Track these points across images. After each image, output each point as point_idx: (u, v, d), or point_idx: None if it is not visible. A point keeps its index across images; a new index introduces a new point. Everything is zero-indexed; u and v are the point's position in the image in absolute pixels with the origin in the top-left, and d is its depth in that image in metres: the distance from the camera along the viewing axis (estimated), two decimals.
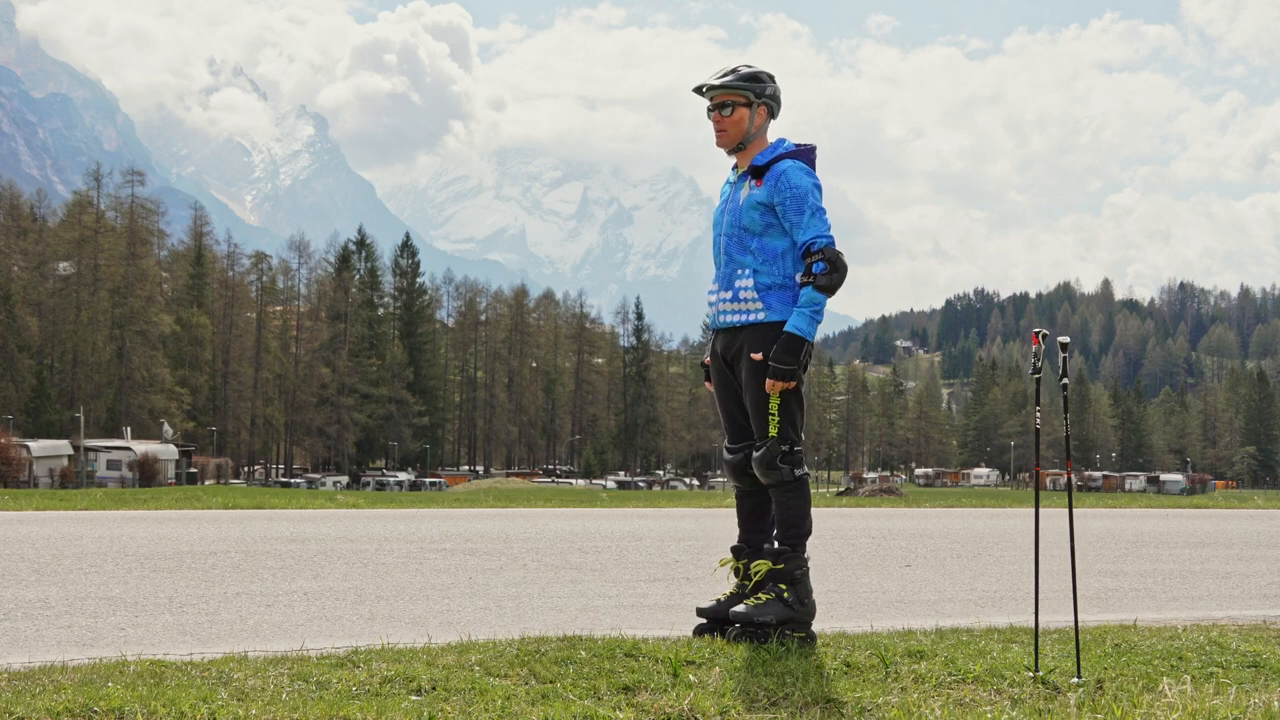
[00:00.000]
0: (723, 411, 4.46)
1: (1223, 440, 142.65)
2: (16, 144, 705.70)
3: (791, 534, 4.27)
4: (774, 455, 4.18)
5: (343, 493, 31.89)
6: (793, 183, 4.18)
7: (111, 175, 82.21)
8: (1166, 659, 4.24)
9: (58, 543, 7.41)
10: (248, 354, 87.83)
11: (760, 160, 4.28)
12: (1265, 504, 19.94)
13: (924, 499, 31.81)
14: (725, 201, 4.40)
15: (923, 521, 11.22)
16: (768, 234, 4.24)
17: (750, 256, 4.25)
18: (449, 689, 3.50)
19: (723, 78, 4.27)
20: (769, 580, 4.22)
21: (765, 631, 4.19)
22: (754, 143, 4.32)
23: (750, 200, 4.24)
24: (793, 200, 4.17)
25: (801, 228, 4.16)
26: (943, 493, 65.16)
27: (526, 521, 10.10)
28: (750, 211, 4.23)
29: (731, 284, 4.29)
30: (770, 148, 4.31)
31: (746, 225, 4.25)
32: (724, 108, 4.26)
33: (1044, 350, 4.07)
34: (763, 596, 4.22)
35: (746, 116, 4.27)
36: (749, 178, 4.28)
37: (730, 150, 4.34)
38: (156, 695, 3.30)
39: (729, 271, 4.30)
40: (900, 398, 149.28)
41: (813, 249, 4.12)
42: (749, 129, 4.28)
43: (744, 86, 4.25)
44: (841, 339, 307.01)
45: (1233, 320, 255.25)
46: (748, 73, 4.28)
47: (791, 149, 4.30)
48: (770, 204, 4.21)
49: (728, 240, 4.31)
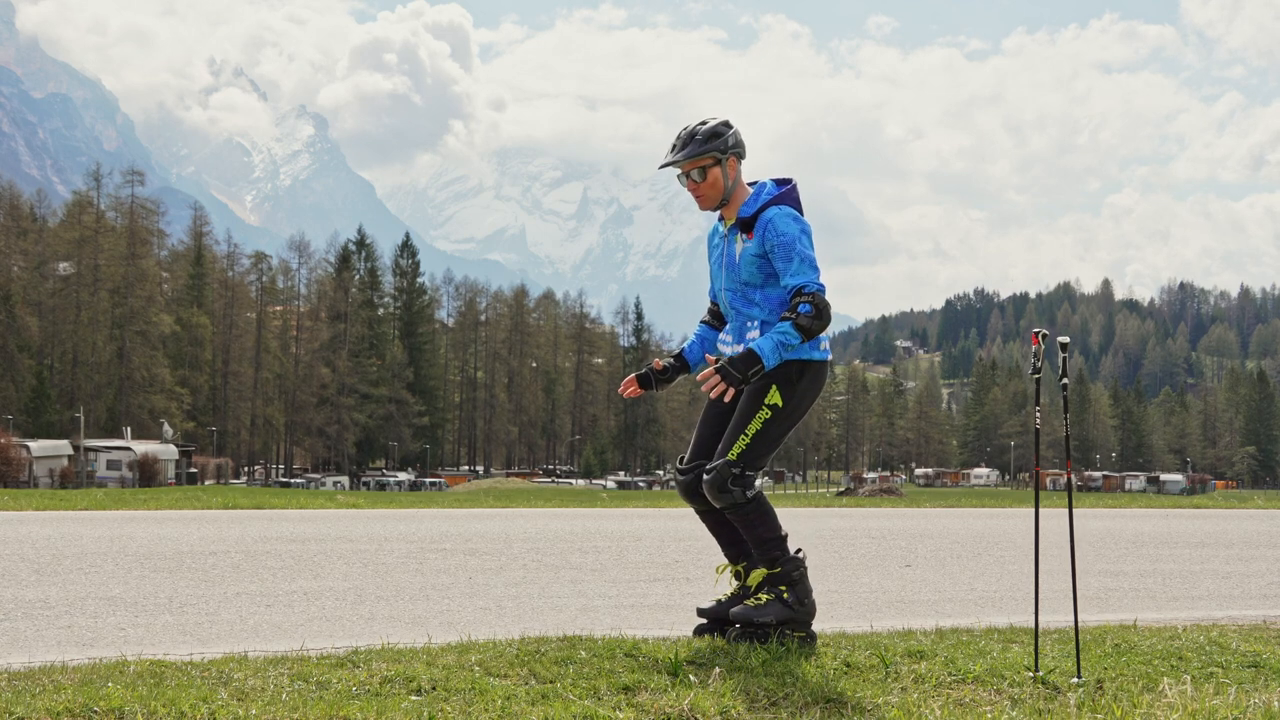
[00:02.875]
0: (699, 430, 4.43)
1: (1223, 440, 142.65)
2: (16, 144, 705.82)
3: (769, 549, 4.24)
4: (725, 478, 4.15)
5: (343, 493, 31.91)
6: (780, 230, 4.17)
7: (111, 175, 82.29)
8: (1166, 659, 4.24)
9: (58, 543, 7.41)
10: (248, 354, 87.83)
11: (746, 212, 4.25)
12: (1265, 504, 19.94)
13: (924, 499, 31.81)
14: (721, 255, 4.38)
15: (923, 521, 11.22)
16: (769, 284, 4.24)
17: (756, 309, 4.26)
18: (449, 689, 3.50)
19: (684, 149, 4.21)
20: (767, 582, 4.22)
21: (765, 632, 4.20)
22: (735, 194, 4.29)
23: (746, 255, 4.23)
24: (781, 248, 4.15)
25: (790, 274, 4.14)
26: (943, 493, 65.11)
27: (526, 521, 10.10)
28: (749, 266, 4.23)
29: (743, 336, 4.29)
30: (753, 196, 4.28)
31: (747, 280, 4.25)
32: (696, 174, 4.23)
33: (1044, 350, 4.07)
34: (763, 597, 4.22)
35: (720, 174, 4.24)
36: (739, 231, 4.27)
37: (712, 210, 4.31)
38: (156, 695, 3.30)
39: (739, 324, 4.32)
40: (900, 398, 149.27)
41: (804, 291, 4.10)
42: (726, 185, 4.26)
43: (709, 149, 4.20)
44: (841, 339, 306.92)
45: (1233, 320, 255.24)
46: (707, 132, 4.22)
47: (774, 193, 4.27)
48: (764, 254, 4.20)
49: (731, 295, 4.32)
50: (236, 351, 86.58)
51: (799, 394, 4.22)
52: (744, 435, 4.17)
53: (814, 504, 16.74)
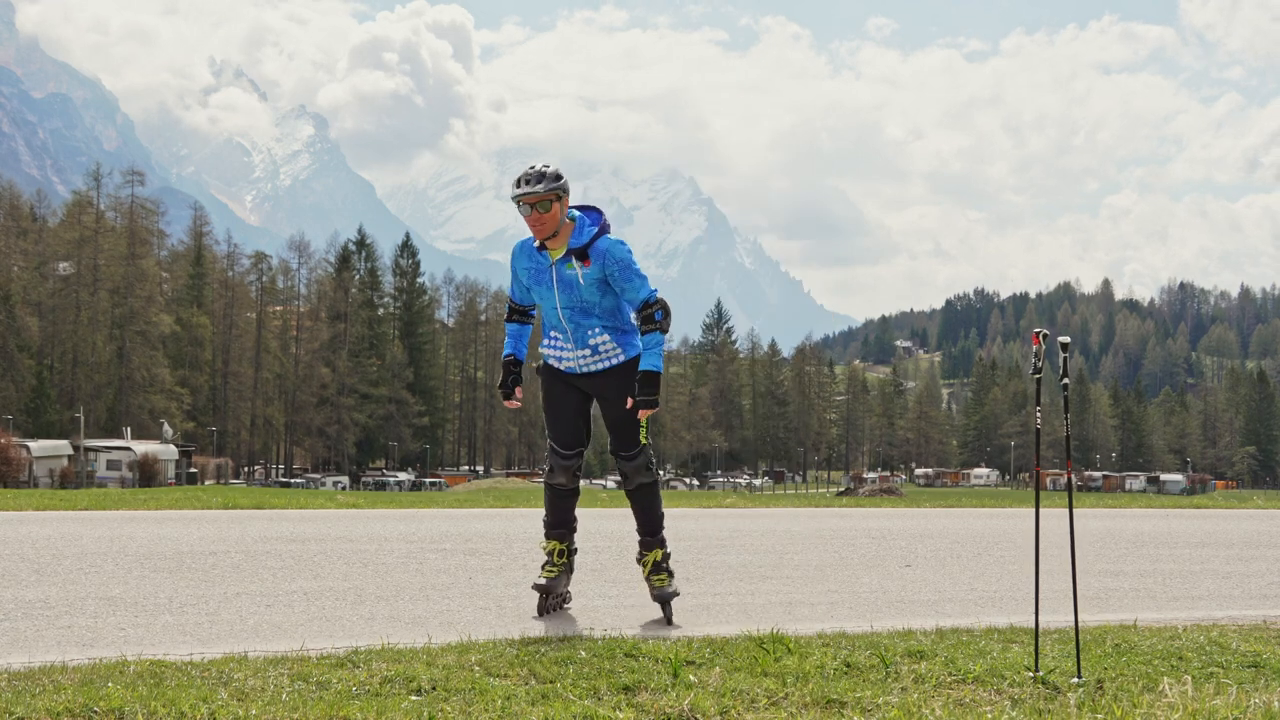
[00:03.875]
0: (564, 422, 5.30)
1: (1223, 440, 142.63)
2: (16, 144, 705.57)
3: (657, 526, 5.30)
4: (647, 460, 5.22)
5: (343, 493, 31.89)
6: (617, 257, 5.07)
7: (111, 175, 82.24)
8: (1166, 659, 4.24)
9: (58, 543, 7.41)
10: (248, 354, 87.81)
11: (577, 243, 5.10)
12: (1265, 504, 19.94)
13: (924, 499, 31.81)
14: (548, 279, 5.16)
15: (923, 521, 11.22)
16: (605, 299, 5.15)
17: (596, 319, 5.17)
18: (449, 689, 3.50)
19: (540, 183, 5.01)
20: (663, 564, 5.25)
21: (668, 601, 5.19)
22: (564, 228, 5.14)
23: (587, 279, 5.10)
24: (621, 271, 5.07)
25: (635, 289, 5.10)
26: (943, 493, 65.11)
27: (526, 521, 10.09)
28: (589, 288, 5.11)
29: (586, 342, 5.20)
30: (578, 229, 5.12)
31: (588, 300, 5.13)
32: (541, 206, 5.02)
33: (1044, 350, 4.07)
34: (663, 577, 5.23)
35: (559, 210, 5.06)
36: (573, 259, 5.11)
37: (545, 239, 5.11)
38: (156, 695, 3.30)
39: (581, 335, 5.19)
40: (900, 398, 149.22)
41: (650, 301, 5.09)
42: (561, 218, 5.09)
43: (554, 186, 5.02)
44: (841, 339, 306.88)
45: (1233, 320, 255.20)
46: (553, 173, 5.04)
47: (595, 225, 5.14)
48: (602, 277, 5.10)
49: (571, 312, 5.17)
50: (236, 351, 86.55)
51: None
52: (642, 426, 5.17)
53: (814, 504, 16.74)
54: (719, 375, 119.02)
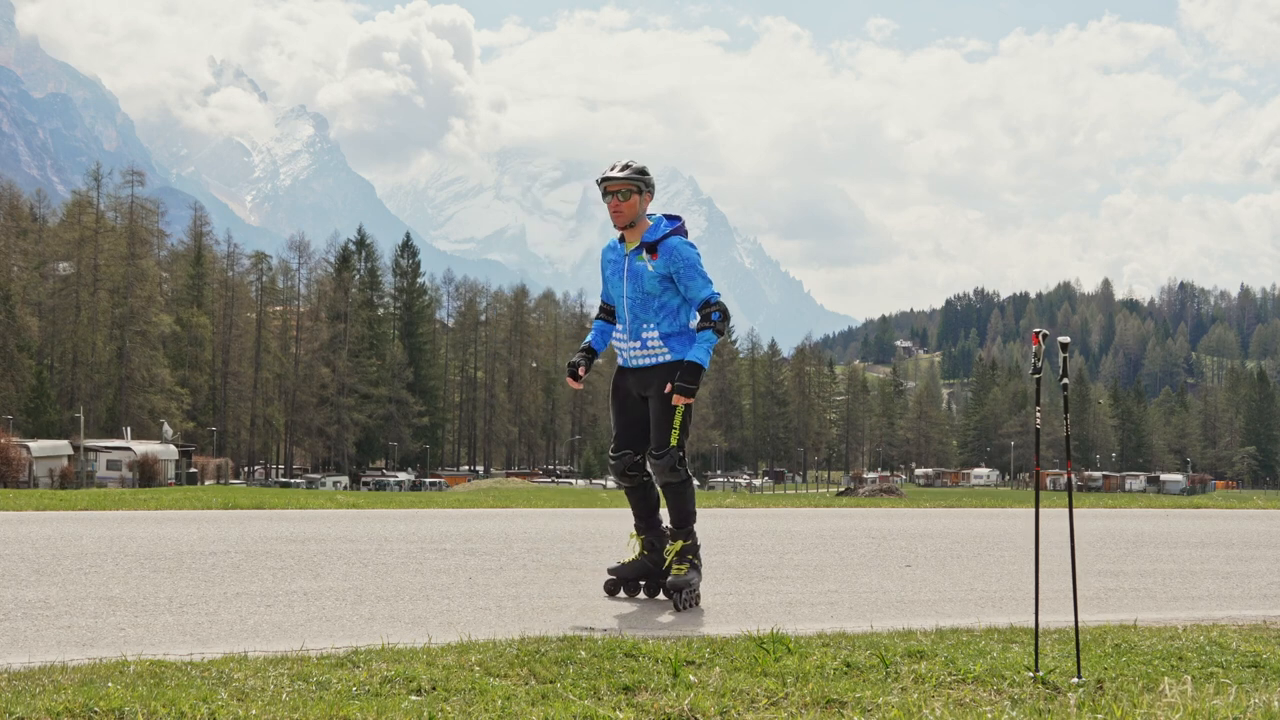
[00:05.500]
0: (622, 425, 5.52)
1: (1223, 440, 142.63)
2: (16, 144, 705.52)
3: (686, 520, 5.45)
4: (674, 460, 5.34)
5: (343, 493, 31.88)
6: (684, 255, 5.34)
7: (111, 175, 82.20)
8: (1166, 659, 4.24)
9: (58, 543, 7.40)
10: (248, 354, 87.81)
11: (651, 237, 5.38)
12: (1265, 504, 19.93)
13: (924, 499, 31.80)
14: (622, 270, 5.46)
15: (923, 521, 11.22)
16: (665, 295, 5.38)
17: (652, 314, 5.39)
18: (449, 689, 3.50)
19: (624, 171, 5.33)
20: (684, 554, 5.40)
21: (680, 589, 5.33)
22: (641, 221, 5.41)
23: (651, 272, 5.35)
24: (686, 269, 5.33)
25: (698, 289, 5.34)
26: (943, 493, 65.08)
27: (526, 521, 10.09)
28: (652, 280, 5.35)
29: (639, 335, 5.42)
30: (654, 226, 5.41)
31: (649, 291, 5.37)
32: (621, 194, 5.33)
33: (1044, 350, 4.07)
34: (684, 567, 5.39)
35: (638, 202, 5.36)
36: (643, 251, 5.38)
37: (622, 227, 5.41)
38: (156, 695, 3.30)
39: (636, 326, 5.42)
40: (900, 398, 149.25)
41: (711, 302, 5.32)
42: (640, 211, 5.39)
43: (636, 179, 5.33)
44: (841, 339, 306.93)
45: (1233, 320, 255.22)
46: (638, 167, 5.36)
47: (671, 226, 5.40)
48: (667, 273, 5.34)
49: (632, 302, 5.41)
50: (236, 351, 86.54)
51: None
52: (674, 428, 5.33)
53: (814, 504, 16.73)
54: (719, 375, 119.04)
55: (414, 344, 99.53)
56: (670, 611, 5.29)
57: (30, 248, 75.31)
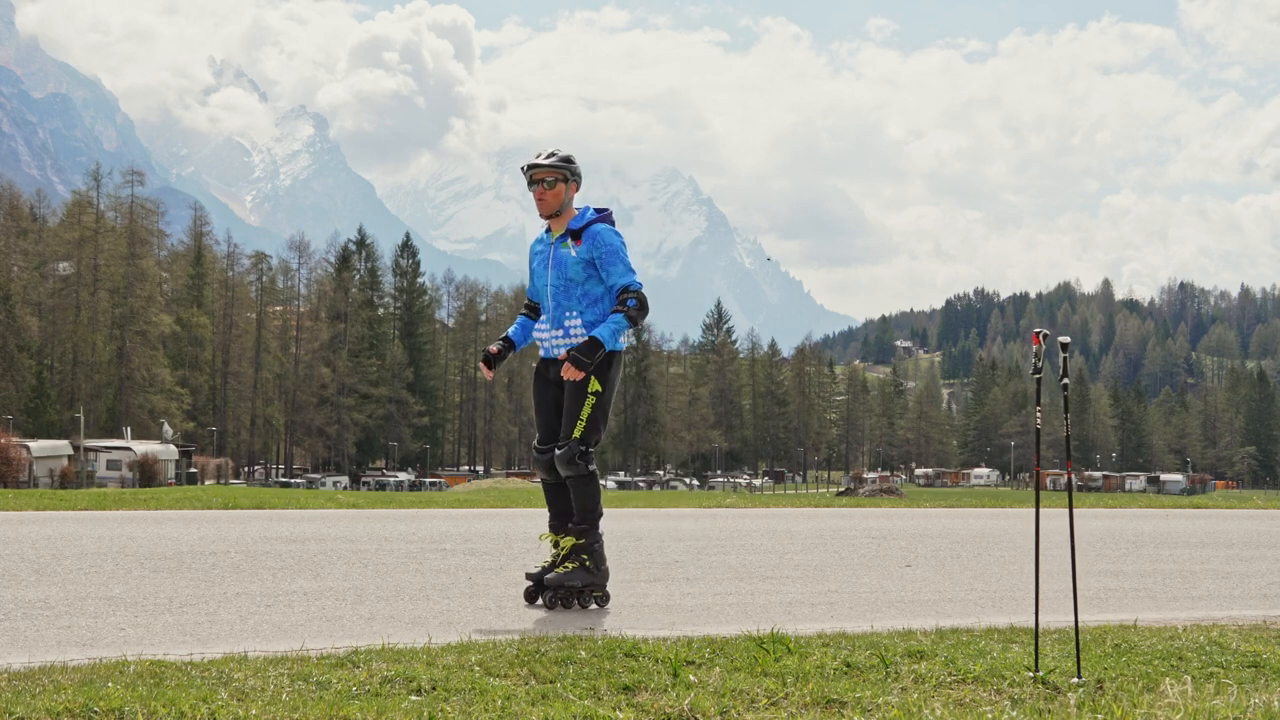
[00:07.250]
0: (541, 418, 5.46)
1: (1223, 440, 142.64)
2: (16, 144, 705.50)
3: (588, 516, 5.28)
4: (574, 454, 5.21)
5: (343, 493, 31.87)
6: (607, 241, 5.28)
7: (111, 175, 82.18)
8: (1166, 659, 4.24)
9: (58, 543, 7.41)
10: (248, 354, 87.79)
11: (576, 225, 5.35)
12: (1265, 504, 19.93)
13: (924, 499, 31.80)
14: (546, 258, 5.42)
15: (923, 521, 11.22)
16: (588, 283, 5.31)
17: (575, 302, 5.32)
18: (449, 689, 3.50)
19: (548, 159, 5.31)
20: (574, 553, 5.25)
21: (572, 593, 5.23)
22: (566, 210, 5.39)
23: (574, 259, 5.31)
24: (609, 254, 5.26)
25: (618, 275, 5.26)
26: (943, 493, 65.09)
27: (526, 521, 10.08)
28: (574, 267, 5.30)
29: (561, 323, 5.36)
30: (580, 215, 5.38)
31: (572, 277, 5.31)
32: (547, 182, 5.31)
33: (1044, 350, 4.07)
34: (570, 565, 5.24)
35: (563, 190, 5.35)
36: (567, 238, 5.34)
37: (546, 216, 5.39)
38: (156, 695, 3.30)
39: (559, 314, 5.36)
40: (900, 398, 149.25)
41: (630, 289, 5.24)
42: (566, 200, 5.38)
43: (563, 166, 5.32)
44: (841, 339, 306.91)
45: (1233, 320, 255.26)
46: (565, 155, 5.35)
47: (596, 215, 5.38)
48: (590, 259, 5.29)
49: (555, 290, 5.36)
50: (236, 351, 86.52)
51: (610, 379, 5.30)
52: (580, 420, 5.22)
53: (814, 504, 16.74)
54: (719, 375, 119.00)
55: (414, 344, 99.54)
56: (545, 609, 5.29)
57: (30, 248, 75.30)
